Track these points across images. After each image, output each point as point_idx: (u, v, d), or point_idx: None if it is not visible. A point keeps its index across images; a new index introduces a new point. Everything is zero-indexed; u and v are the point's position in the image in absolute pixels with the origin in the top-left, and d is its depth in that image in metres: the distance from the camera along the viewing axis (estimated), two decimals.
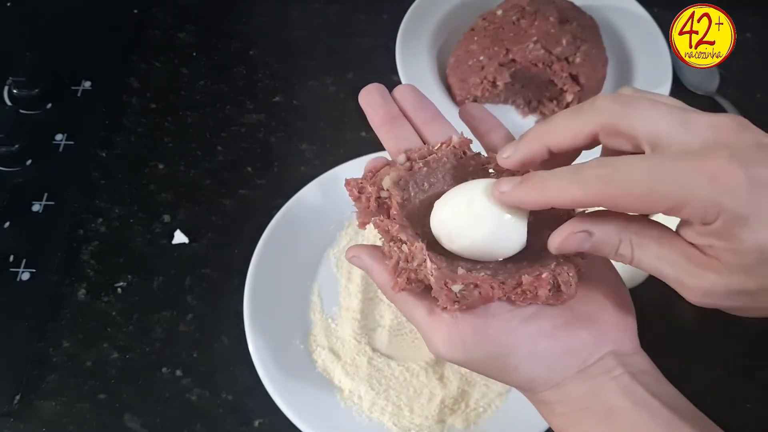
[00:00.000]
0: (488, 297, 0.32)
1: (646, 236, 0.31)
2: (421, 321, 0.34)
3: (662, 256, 0.30)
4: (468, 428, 0.50)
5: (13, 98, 0.64)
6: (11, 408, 0.50)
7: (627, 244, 0.31)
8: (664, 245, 0.30)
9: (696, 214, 0.28)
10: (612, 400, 0.32)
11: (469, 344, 0.32)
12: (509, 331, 0.33)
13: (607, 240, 0.31)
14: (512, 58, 0.63)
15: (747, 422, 0.52)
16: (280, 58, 0.70)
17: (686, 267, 0.30)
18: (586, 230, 0.31)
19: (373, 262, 0.35)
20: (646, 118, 0.30)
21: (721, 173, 0.28)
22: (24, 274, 0.55)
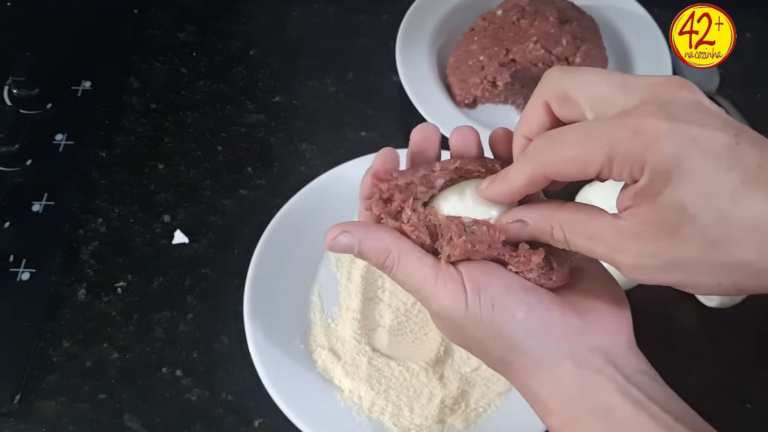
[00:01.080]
0: (494, 239, 0.33)
1: (574, 219, 0.31)
2: (424, 280, 0.34)
3: (592, 235, 0.31)
4: (468, 428, 0.50)
5: (13, 98, 0.64)
6: (11, 408, 0.50)
7: (558, 229, 0.32)
8: (592, 224, 0.31)
9: (623, 170, 0.28)
10: (609, 400, 0.32)
11: (472, 300, 0.33)
12: (508, 292, 0.33)
13: (541, 227, 0.33)
14: (512, 58, 0.63)
15: (747, 422, 0.52)
16: (280, 58, 0.70)
17: (616, 242, 0.30)
18: (520, 219, 0.33)
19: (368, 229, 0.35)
20: (588, 82, 0.31)
21: (645, 126, 0.28)
22: (24, 274, 0.55)
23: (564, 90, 0.31)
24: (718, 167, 0.28)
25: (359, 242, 0.35)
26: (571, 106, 0.31)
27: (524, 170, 0.32)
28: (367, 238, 0.35)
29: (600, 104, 0.30)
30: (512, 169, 0.33)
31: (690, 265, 0.29)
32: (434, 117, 0.62)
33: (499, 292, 0.33)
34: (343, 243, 0.35)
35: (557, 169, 0.30)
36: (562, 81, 0.32)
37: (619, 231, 0.30)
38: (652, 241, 0.29)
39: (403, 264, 0.34)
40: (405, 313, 0.54)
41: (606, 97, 0.30)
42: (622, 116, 0.29)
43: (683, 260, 0.28)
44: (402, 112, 0.65)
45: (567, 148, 0.30)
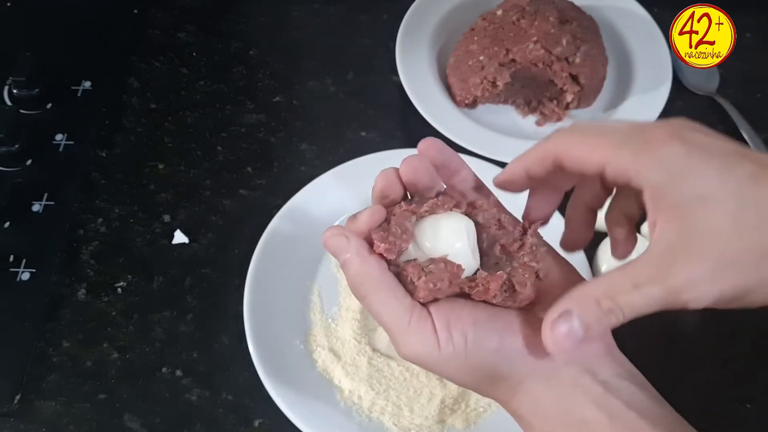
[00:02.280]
0: (453, 274, 0.33)
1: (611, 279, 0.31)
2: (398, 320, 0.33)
3: (638, 282, 0.30)
4: (468, 428, 0.50)
5: (13, 98, 0.64)
6: (11, 408, 0.50)
7: (605, 299, 0.30)
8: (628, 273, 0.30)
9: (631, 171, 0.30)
10: (585, 413, 0.31)
11: (444, 341, 0.32)
12: (476, 325, 0.33)
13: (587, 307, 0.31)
14: (512, 58, 0.63)
15: (747, 422, 0.51)
16: (280, 58, 0.70)
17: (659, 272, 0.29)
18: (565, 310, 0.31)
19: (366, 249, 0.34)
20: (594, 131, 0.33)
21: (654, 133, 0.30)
22: (24, 274, 0.55)
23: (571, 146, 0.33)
24: (728, 161, 0.29)
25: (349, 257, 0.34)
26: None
27: (541, 145, 0.33)
28: (355, 257, 0.34)
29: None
30: (530, 148, 0.34)
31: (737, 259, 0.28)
32: (434, 117, 0.62)
33: (468, 326, 0.33)
34: (336, 243, 0.34)
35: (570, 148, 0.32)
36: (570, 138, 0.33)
37: (658, 259, 0.29)
38: (690, 247, 0.29)
39: (380, 297, 0.33)
40: None
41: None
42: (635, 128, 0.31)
43: (727, 254, 0.28)
44: (402, 112, 0.65)
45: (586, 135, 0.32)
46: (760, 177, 0.28)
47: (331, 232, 0.35)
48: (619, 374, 0.32)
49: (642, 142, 0.30)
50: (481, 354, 0.32)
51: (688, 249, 0.29)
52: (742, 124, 0.64)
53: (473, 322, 0.33)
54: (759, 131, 0.64)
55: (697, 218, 0.28)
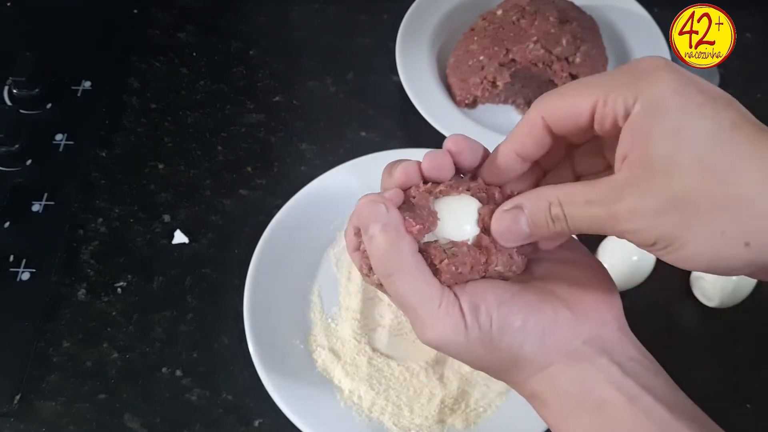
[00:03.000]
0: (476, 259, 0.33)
1: (570, 189, 0.31)
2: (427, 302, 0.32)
3: (591, 200, 0.30)
4: (468, 428, 0.50)
5: (13, 98, 0.64)
6: (11, 408, 0.50)
7: (556, 205, 0.31)
8: (588, 188, 0.30)
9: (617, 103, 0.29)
10: (603, 393, 0.31)
11: (471, 323, 0.32)
12: (501, 305, 0.32)
13: (537, 207, 0.32)
14: (512, 58, 0.63)
15: (747, 422, 0.52)
16: (280, 58, 0.70)
17: (613, 195, 0.29)
18: (516, 205, 0.32)
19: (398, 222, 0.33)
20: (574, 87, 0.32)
21: (643, 63, 0.29)
22: (24, 274, 0.55)
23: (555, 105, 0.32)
24: (715, 103, 0.28)
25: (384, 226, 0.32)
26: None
27: (524, 118, 0.32)
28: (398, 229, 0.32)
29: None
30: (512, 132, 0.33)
31: (688, 200, 0.27)
32: (434, 117, 0.62)
33: (492, 307, 0.32)
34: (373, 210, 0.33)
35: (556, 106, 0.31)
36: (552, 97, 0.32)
37: (616, 183, 0.29)
38: (649, 178, 0.28)
39: (409, 278, 0.32)
40: None
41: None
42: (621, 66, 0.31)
43: (680, 193, 0.27)
44: (402, 112, 0.65)
45: (567, 87, 0.31)
46: (740, 124, 0.27)
47: (369, 197, 0.33)
48: (635, 357, 0.33)
49: (631, 75, 0.29)
50: (506, 334, 0.32)
51: (643, 180, 0.28)
52: None
53: (498, 303, 0.32)
54: None
55: (663, 151, 0.27)
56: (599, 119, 0.30)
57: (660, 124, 0.27)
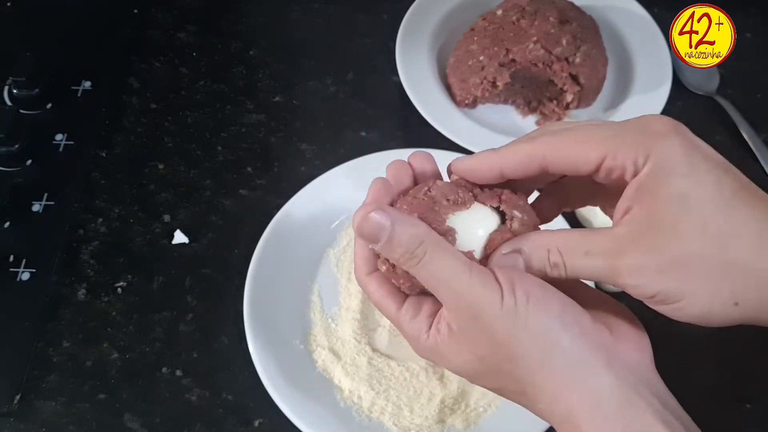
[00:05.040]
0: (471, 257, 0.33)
1: (569, 239, 0.31)
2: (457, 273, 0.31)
3: (590, 250, 0.30)
4: (468, 428, 0.50)
5: (13, 98, 0.64)
6: (11, 408, 0.50)
7: (555, 252, 0.31)
8: (589, 239, 0.31)
9: (628, 160, 0.29)
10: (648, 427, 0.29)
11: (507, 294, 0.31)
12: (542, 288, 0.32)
13: (536, 253, 0.32)
14: (512, 58, 0.63)
15: (747, 422, 0.52)
16: (280, 58, 0.70)
17: (614, 250, 0.30)
18: (515, 249, 0.32)
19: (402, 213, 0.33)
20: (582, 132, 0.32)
21: (653, 123, 0.30)
22: (24, 274, 0.55)
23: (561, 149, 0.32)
24: (717, 169, 0.29)
25: (393, 223, 0.32)
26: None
27: (524, 146, 0.32)
28: (402, 221, 0.32)
29: None
30: (507, 145, 0.33)
31: (689, 263, 0.28)
32: (434, 117, 0.62)
33: (533, 288, 0.31)
34: (375, 221, 0.32)
35: (561, 150, 0.31)
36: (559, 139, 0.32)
37: (617, 238, 0.30)
38: (652, 237, 0.29)
39: (437, 254, 0.32)
40: None
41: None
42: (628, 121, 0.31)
43: (683, 256, 0.28)
44: (402, 112, 0.65)
45: (577, 131, 0.31)
46: (740, 193, 0.29)
47: (360, 214, 0.33)
48: (668, 392, 0.32)
49: (641, 133, 0.30)
50: (543, 315, 0.31)
51: (647, 238, 0.29)
52: (742, 124, 0.64)
53: (538, 285, 0.31)
54: (759, 131, 0.64)
55: (669, 213, 0.29)
56: (606, 170, 0.31)
57: (668, 187, 0.29)
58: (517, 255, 0.32)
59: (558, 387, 0.31)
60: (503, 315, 0.31)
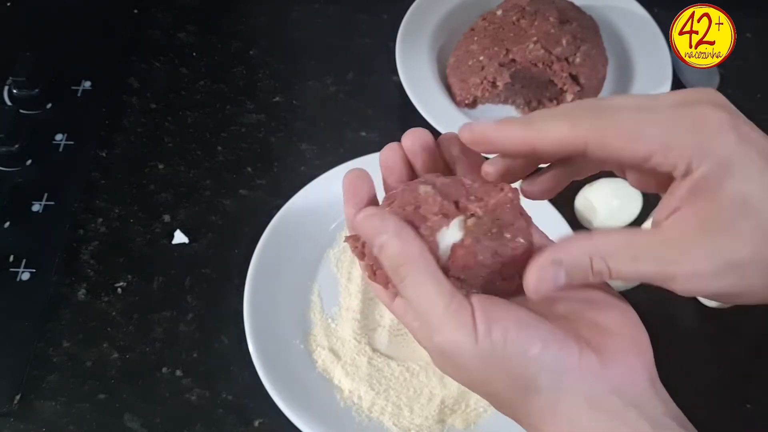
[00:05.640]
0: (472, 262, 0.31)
1: (613, 242, 0.29)
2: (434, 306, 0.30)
3: (637, 255, 0.29)
4: (468, 428, 0.50)
5: (13, 98, 0.64)
6: (11, 408, 0.50)
7: (599, 259, 0.29)
8: (635, 244, 0.29)
9: (680, 160, 0.27)
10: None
11: (483, 335, 0.29)
12: (520, 327, 0.30)
13: (578, 262, 0.29)
14: (512, 58, 0.63)
15: (747, 422, 0.52)
16: (280, 58, 0.70)
17: (664, 254, 0.28)
18: (554, 260, 0.30)
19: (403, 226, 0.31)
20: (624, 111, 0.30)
21: (708, 117, 0.28)
22: (24, 274, 0.55)
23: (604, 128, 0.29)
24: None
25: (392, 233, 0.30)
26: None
27: (562, 126, 0.29)
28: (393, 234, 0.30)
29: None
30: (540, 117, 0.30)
31: (746, 265, 0.28)
32: (434, 117, 0.62)
33: (511, 326, 0.29)
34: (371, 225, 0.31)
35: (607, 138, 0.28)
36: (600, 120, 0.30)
37: (669, 242, 0.28)
38: (709, 241, 0.28)
39: (418, 279, 0.30)
40: None
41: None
42: (682, 105, 0.28)
43: (740, 259, 0.28)
44: (402, 112, 0.65)
45: (625, 120, 0.28)
46: None
47: (363, 213, 0.31)
48: (665, 413, 0.30)
49: (696, 130, 0.28)
50: (520, 358, 0.29)
51: (704, 244, 0.28)
52: None
53: (517, 322, 0.30)
54: None
55: (727, 217, 0.27)
56: (653, 164, 0.29)
57: (725, 191, 0.27)
58: (558, 268, 0.30)
59: (537, 421, 0.31)
60: (478, 358, 0.29)
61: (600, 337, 0.31)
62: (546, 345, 0.29)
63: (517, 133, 0.30)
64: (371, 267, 0.33)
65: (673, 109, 0.28)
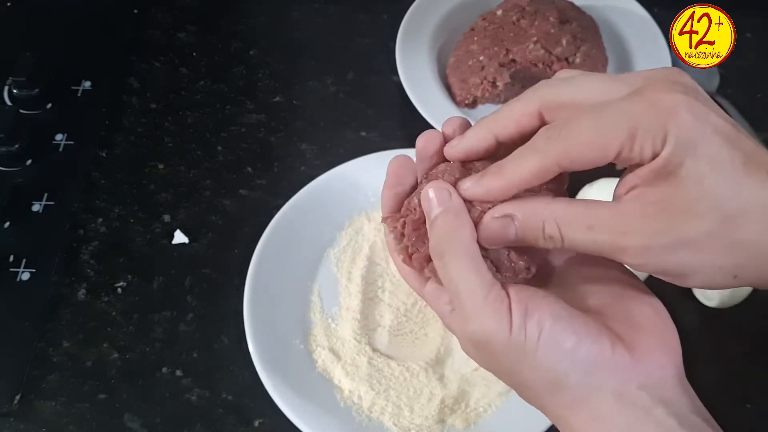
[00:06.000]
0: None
1: (570, 211, 0.30)
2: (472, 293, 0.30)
3: (593, 225, 0.29)
4: (468, 428, 0.50)
5: (13, 98, 0.64)
6: (11, 408, 0.50)
7: (552, 224, 0.29)
8: (592, 213, 0.29)
9: (645, 145, 0.28)
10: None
11: (517, 327, 0.30)
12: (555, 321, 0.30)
13: (530, 223, 0.30)
14: (512, 58, 0.63)
15: (747, 422, 0.52)
16: (280, 58, 0.70)
17: (620, 226, 0.29)
18: (507, 214, 0.30)
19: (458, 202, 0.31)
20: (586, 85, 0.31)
21: (664, 98, 0.28)
22: (24, 274, 0.55)
23: (559, 97, 0.31)
24: (727, 144, 0.28)
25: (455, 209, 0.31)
26: (570, 110, 0.30)
27: (531, 160, 0.30)
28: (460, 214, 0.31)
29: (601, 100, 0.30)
30: (511, 162, 0.30)
31: (698, 242, 0.28)
32: (434, 117, 0.62)
33: (546, 320, 0.30)
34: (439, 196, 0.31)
35: (573, 156, 0.29)
36: (556, 89, 0.31)
37: (624, 214, 0.29)
38: (663, 218, 0.28)
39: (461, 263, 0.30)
40: (405, 313, 0.54)
41: (609, 91, 0.30)
42: (634, 94, 0.29)
43: (693, 237, 0.28)
44: (402, 112, 0.65)
45: (584, 131, 0.29)
46: (749, 167, 0.28)
47: (435, 184, 0.32)
48: (693, 411, 0.30)
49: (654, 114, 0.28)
50: (553, 352, 0.29)
51: (659, 220, 0.28)
52: (742, 124, 0.64)
53: (552, 315, 0.30)
54: (759, 131, 0.64)
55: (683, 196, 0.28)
56: (624, 161, 0.29)
57: (682, 170, 0.28)
58: (509, 221, 0.30)
59: (563, 412, 0.31)
60: (510, 349, 0.30)
61: (631, 332, 0.31)
62: (580, 339, 0.30)
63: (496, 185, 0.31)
64: (407, 249, 0.33)
65: (628, 100, 0.29)
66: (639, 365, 0.30)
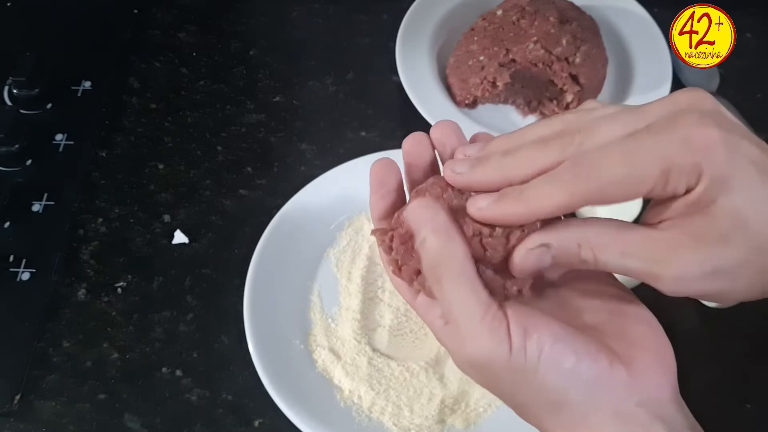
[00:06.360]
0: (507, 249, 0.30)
1: (604, 234, 0.29)
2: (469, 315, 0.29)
3: (626, 251, 0.29)
4: (468, 428, 0.50)
5: (13, 98, 0.64)
6: (11, 408, 0.50)
7: (587, 248, 0.29)
8: (626, 238, 0.29)
9: (679, 183, 0.28)
10: None
11: (517, 348, 0.29)
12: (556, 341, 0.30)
13: (567, 248, 0.30)
14: (512, 58, 0.63)
15: (747, 422, 0.52)
16: (280, 58, 0.70)
17: (655, 254, 0.29)
18: (543, 243, 0.30)
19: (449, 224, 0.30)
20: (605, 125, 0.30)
21: (697, 135, 0.27)
22: (24, 274, 0.55)
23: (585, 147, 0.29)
24: (759, 174, 0.28)
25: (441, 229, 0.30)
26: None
27: (558, 194, 0.29)
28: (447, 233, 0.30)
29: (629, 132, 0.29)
30: (535, 191, 0.29)
31: (734, 271, 0.28)
32: (434, 117, 0.62)
33: (546, 340, 0.29)
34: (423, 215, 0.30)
35: (605, 195, 0.28)
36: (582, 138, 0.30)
37: (660, 242, 0.29)
38: (700, 249, 0.28)
39: (456, 285, 0.30)
40: (405, 313, 0.54)
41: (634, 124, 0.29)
42: (665, 127, 0.28)
43: (728, 266, 0.28)
44: (402, 112, 0.65)
45: (615, 169, 0.28)
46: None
47: (419, 202, 0.31)
48: (688, 428, 0.30)
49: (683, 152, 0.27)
50: (553, 372, 0.29)
51: (692, 249, 0.28)
52: None
53: (551, 336, 0.29)
54: (759, 131, 0.63)
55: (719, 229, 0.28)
56: (655, 197, 0.29)
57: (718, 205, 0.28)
58: (544, 251, 0.30)
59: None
60: (510, 370, 0.30)
61: (628, 350, 0.31)
62: (579, 358, 0.29)
63: (517, 211, 0.30)
64: (396, 262, 0.32)
65: (659, 135, 0.28)
66: (637, 383, 0.30)
